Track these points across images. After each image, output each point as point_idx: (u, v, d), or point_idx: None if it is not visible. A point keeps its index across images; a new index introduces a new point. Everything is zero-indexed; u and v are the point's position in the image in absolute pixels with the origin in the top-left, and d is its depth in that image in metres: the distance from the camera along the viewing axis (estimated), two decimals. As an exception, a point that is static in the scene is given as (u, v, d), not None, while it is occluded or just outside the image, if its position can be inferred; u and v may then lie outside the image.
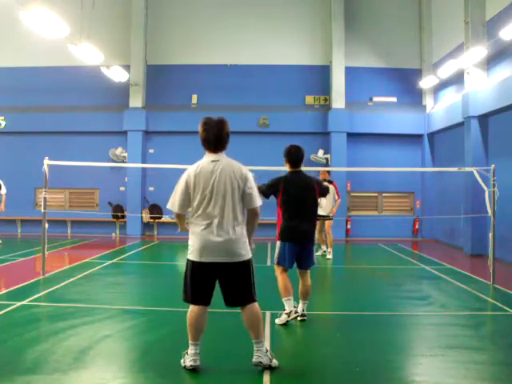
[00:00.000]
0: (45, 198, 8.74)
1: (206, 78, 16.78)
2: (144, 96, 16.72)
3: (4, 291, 7.34)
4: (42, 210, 8.72)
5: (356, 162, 16.03)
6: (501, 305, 6.99)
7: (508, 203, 10.21)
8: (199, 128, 4.38)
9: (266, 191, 5.82)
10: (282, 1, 17.02)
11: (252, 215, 4.35)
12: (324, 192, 6.09)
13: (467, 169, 10.26)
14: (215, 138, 4.29)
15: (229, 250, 4.19)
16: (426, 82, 15.84)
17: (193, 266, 4.31)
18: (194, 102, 16.83)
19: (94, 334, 5.36)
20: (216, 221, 4.16)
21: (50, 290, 7.61)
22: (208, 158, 4.30)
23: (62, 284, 8.04)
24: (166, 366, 4.57)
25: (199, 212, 4.20)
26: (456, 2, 13.55)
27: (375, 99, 16.71)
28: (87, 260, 10.81)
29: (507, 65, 11.59)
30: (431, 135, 16.56)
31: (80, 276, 8.79)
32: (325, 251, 11.83)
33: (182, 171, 4.46)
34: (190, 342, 4.40)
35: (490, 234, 8.32)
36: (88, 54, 12.24)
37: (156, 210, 16.35)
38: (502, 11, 11.67)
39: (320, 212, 11.95)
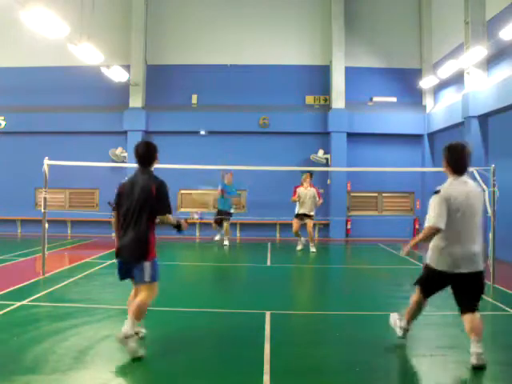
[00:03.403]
0: (45, 198, 8.74)
1: (206, 78, 16.78)
2: (144, 96, 16.73)
3: (4, 291, 7.34)
4: (42, 210, 8.73)
5: (356, 162, 16.03)
6: (501, 305, 6.99)
7: (508, 203, 10.20)
8: (447, 153, 4.77)
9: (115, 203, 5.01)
10: (282, 1, 17.01)
11: None
12: (160, 201, 4.80)
13: (467, 169, 10.24)
14: (463, 162, 4.73)
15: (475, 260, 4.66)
16: (426, 82, 15.84)
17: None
18: (194, 102, 16.83)
19: (94, 334, 5.36)
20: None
21: (50, 290, 7.61)
22: (459, 180, 4.71)
23: (62, 284, 8.04)
24: (166, 365, 4.57)
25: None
26: (456, 1, 13.55)
27: (375, 99, 16.71)
28: (87, 260, 10.81)
29: (507, 65, 11.59)
30: (431, 135, 16.56)
31: (80, 276, 8.79)
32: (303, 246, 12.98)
33: (182, 171, 4.47)
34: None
35: (490, 234, 8.32)
36: (88, 54, 12.23)
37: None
38: (502, 11, 11.66)
39: (301, 210, 12.64)
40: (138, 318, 4.69)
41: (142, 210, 4.78)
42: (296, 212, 12.79)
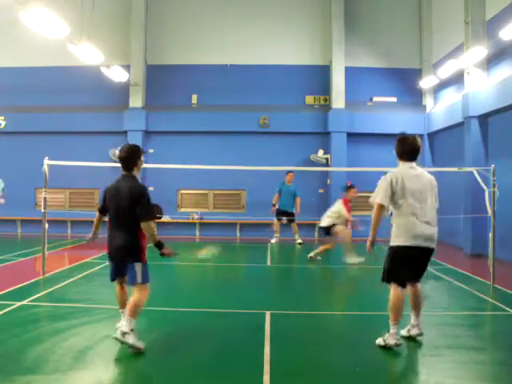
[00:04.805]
0: (45, 198, 8.74)
1: (206, 78, 16.78)
2: (144, 96, 16.72)
3: (4, 291, 7.34)
4: (42, 210, 8.73)
5: (356, 162, 16.01)
6: (501, 305, 6.99)
7: (508, 203, 10.21)
8: (400, 143, 5.29)
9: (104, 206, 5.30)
10: (282, 1, 17.02)
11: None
12: (141, 206, 4.89)
13: (467, 169, 10.24)
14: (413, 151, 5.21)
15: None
16: (426, 82, 15.83)
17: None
18: (194, 102, 16.83)
19: (94, 334, 5.36)
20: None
21: (50, 289, 7.61)
22: (407, 165, 5.18)
23: (62, 284, 8.04)
24: (166, 365, 4.57)
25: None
26: (456, 1, 13.55)
27: (375, 99, 16.71)
28: (87, 260, 10.80)
29: (507, 65, 11.59)
30: (431, 135, 16.55)
31: (80, 276, 8.79)
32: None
33: (182, 171, 4.48)
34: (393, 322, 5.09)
35: (490, 234, 8.32)
36: (88, 54, 12.22)
37: (156, 209, 16.32)
38: (501, 11, 11.66)
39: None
40: (133, 316, 4.85)
41: (129, 213, 4.98)
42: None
